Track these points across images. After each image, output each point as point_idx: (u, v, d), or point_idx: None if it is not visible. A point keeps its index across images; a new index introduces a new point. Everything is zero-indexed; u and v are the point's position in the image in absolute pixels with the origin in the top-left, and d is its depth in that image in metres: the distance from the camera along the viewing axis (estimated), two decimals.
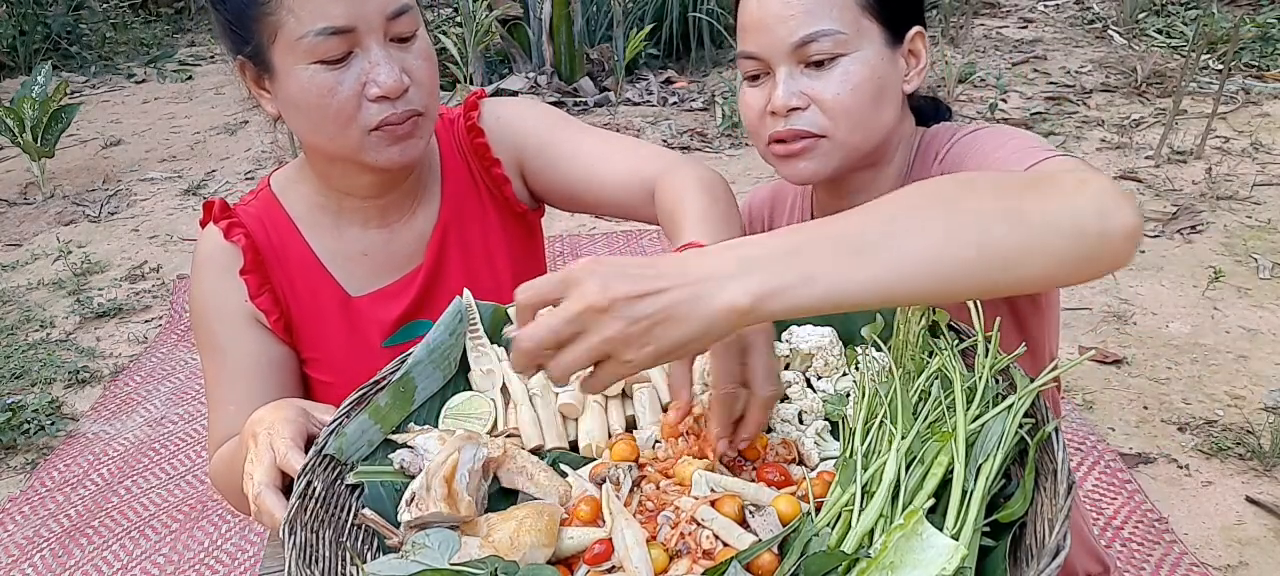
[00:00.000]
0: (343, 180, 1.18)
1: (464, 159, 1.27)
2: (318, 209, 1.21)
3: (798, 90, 1.05)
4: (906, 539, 0.68)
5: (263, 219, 1.20)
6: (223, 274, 1.17)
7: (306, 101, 1.05)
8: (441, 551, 0.78)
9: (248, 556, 2.39)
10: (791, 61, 1.05)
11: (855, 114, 1.05)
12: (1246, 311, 3.03)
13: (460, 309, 1.05)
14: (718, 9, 5.97)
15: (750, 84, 1.11)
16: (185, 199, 4.74)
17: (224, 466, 1.11)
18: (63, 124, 4.86)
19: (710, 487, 0.85)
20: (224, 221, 1.17)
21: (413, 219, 1.23)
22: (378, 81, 1.03)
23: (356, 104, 1.04)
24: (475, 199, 1.26)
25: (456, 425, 0.98)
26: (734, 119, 4.97)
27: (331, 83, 1.03)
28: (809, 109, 1.06)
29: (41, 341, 3.47)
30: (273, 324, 1.18)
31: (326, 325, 1.21)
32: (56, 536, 2.51)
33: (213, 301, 1.18)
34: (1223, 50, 5.04)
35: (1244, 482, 2.33)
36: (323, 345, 1.21)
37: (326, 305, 1.21)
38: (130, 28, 8.03)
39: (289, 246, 1.20)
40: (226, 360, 1.17)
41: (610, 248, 3.81)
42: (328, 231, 1.21)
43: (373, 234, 1.22)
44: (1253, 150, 4.24)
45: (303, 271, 1.20)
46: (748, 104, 1.11)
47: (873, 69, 1.05)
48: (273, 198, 1.22)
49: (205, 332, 1.19)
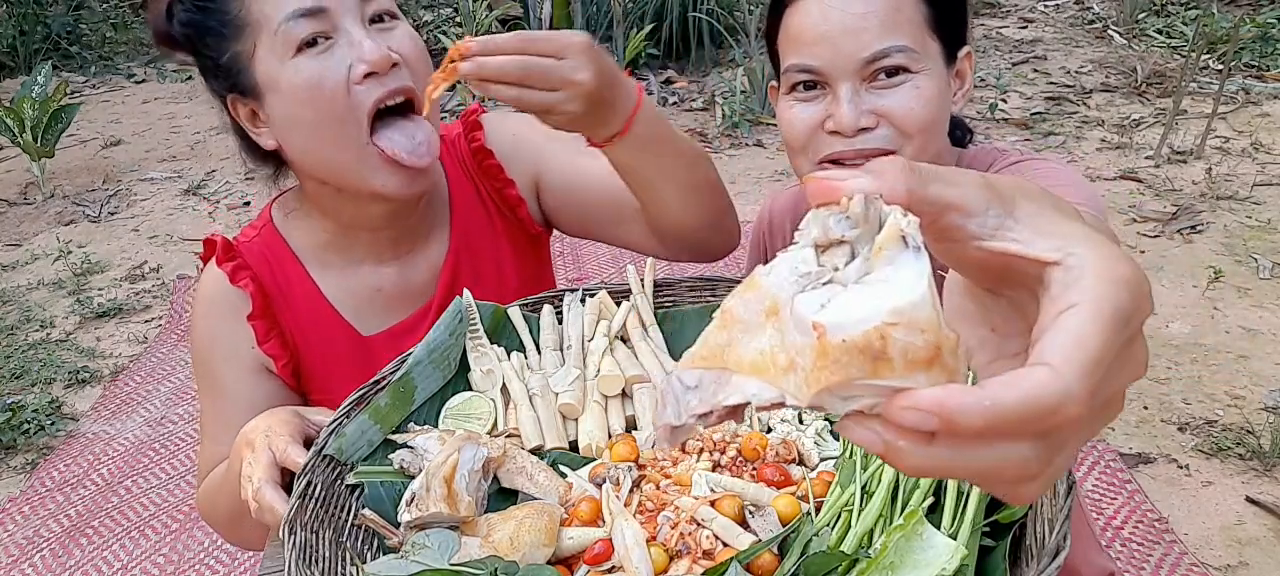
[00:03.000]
0: (353, 210, 1.13)
1: (471, 181, 1.24)
2: (324, 247, 1.18)
3: (866, 109, 0.99)
4: (906, 539, 0.68)
5: (268, 258, 1.16)
6: (228, 318, 1.14)
7: (298, 102, 1.02)
8: (441, 551, 0.78)
9: (248, 556, 2.39)
10: (856, 78, 0.99)
11: (928, 131, 1.00)
12: (1246, 311, 3.03)
13: (460, 309, 1.05)
14: (718, 9, 5.97)
15: (799, 100, 1.03)
16: (185, 199, 4.74)
17: (212, 490, 1.10)
18: (63, 124, 4.86)
19: (710, 487, 0.85)
20: (229, 264, 1.14)
21: (426, 248, 1.20)
22: (363, 56, 1.00)
23: (346, 90, 1.01)
24: (485, 222, 1.24)
25: (456, 425, 0.98)
26: (734, 119, 4.97)
27: (317, 72, 1.01)
28: (878, 127, 0.99)
29: (41, 341, 3.47)
30: (280, 369, 1.15)
31: (338, 366, 1.18)
32: (56, 536, 2.50)
33: (218, 346, 1.15)
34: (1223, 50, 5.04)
35: (1244, 482, 2.33)
36: (333, 387, 1.17)
37: (338, 347, 1.18)
38: (130, 28, 8.02)
39: (296, 288, 1.17)
40: (226, 402, 1.15)
41: (610, 247, 3.81)
42: (337, 270, 1.18)
43: (387, 269, 1.19)
44: (1253, 150, 4.24)
45: (312, 315, 1.17)
46: (798, 119, 1.03)
47: (938, 87, 1.01)
48: (276, 233, 1.18)
49: (206, 371, 1.16)
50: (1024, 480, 0.36)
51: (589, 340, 1.07)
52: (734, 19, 5.97)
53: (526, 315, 1.11)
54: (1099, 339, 0.35)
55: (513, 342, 1.09)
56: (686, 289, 1.13)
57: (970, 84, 1.08)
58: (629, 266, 1.15)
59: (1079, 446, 0.37)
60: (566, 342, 1.07)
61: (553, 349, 1.07)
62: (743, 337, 0.38)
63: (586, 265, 3.62)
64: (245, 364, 1.14)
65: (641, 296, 1.11)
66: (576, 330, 1.07)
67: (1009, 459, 0.35)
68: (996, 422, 0.34)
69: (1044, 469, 0.36)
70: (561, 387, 1.00)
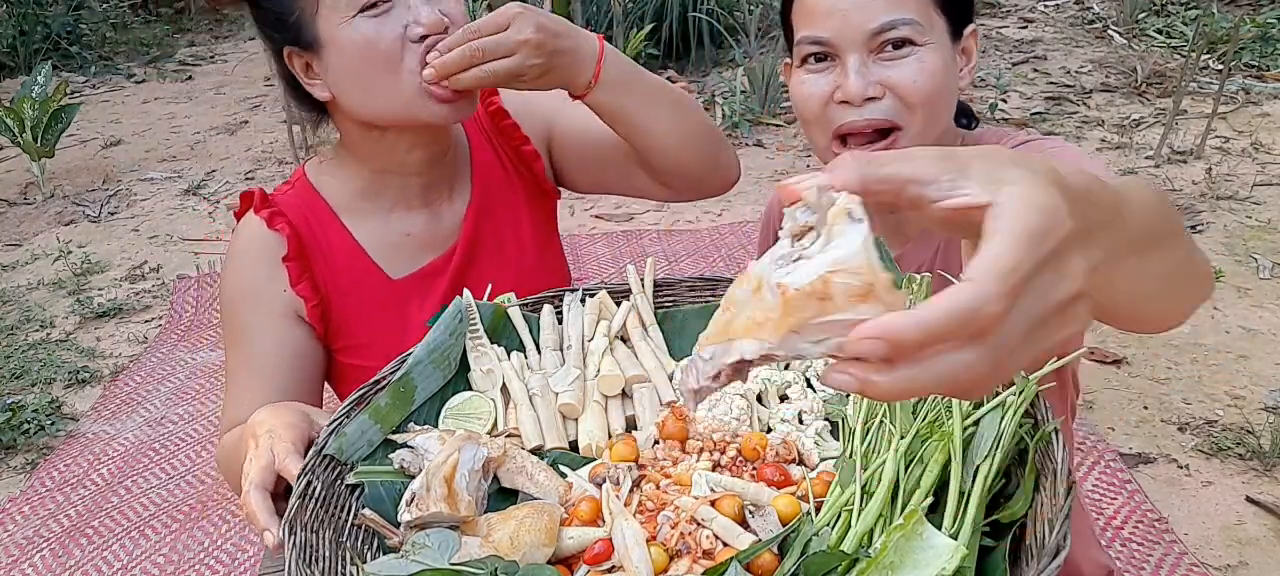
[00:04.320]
0: (391, 156, 1.22)
1: (489, 142, 1.34)
2: (358, 195, 1.26)
3: (873, 79, 1.02)
4: (906, 539, 0.68)
5: (303, 209, 1.24)
6: (263, 263, 1.21)
7: (354, 57, 1.11)
8: (441, 551, 0.79)
9: (248, 556, 2.39)
10: (864, 50, 1.02)
11: (932, 104, 1.03)
12: (1246, 311, 3.03)
13: (460, 309, 1.05)
14: (718, 9, 5.97)
15: (810, 72, 1.07)
16: (185, 199, 4.74)
17: (227, 453, 1.13)
18: (63, 124, 4.86)
19: (710, 487, 0.85)
20: (266, 211, 1.21)
21: (450, 200, 1.30)
22: (419, 19, 1.09)
23: (400, 48, 1.09)
24: (503, 179, 1.33)
25: (456, 425, 0.98)
26: (734, 119, 4.97)
27: (374, 31, 1.09)
28: (884, 98, 1.03)
29: (41, 341, 3.47)
30: (309, 312, 1.21)
31: (367, 310, 1.25)
32: (56, 536, 2.50)
33: (249, 287, 1.21)
34: (1223, 50, 5.04)
35: (1244, 482, 2.33)
36: (362, 331, 1.25)
37: (368, 291, 1.25)
38: (130, 28, 8.02)
39: (330, 235, 1.24)
40: (253, 348, 1.20)
41: (610, 247, 3.81)
42: (369, 216, 1.26)
43: (415, 215, 1.27)
44: (1253, 150, 4.24)
45: (345, 260, 1.24)
46: (809, 92, 1.07)
47: (944, 61, 1.04)
48: (310, 187, 1.26)
49: (235, 318, 1.22)
50: (976, 382, 0.44)
51: (589, 340, 1.07)
52: (734, 19, 5.97)
53: (526, 315, 1.11)
54: (1011, 252, 0.43)
55: (513, 342, 1.09)
56: (686, 289, 1.14)
57: (975, 61, 1.12)
58: (629, 266, 1.16)
59: (1026, 350, 0.45)
60: (566, 342, 1.07)
61: (553, 349, 1.07)
62: (739, 313, 0.49)
63: (586, 265, 3.62)
64: (275, 308, 1.20)
65: (641, 296, 1.11)
66: (576, 330, 1.07)
67: (957, 365, 0.43)
68: (930, 332, 0.42)
69: (992, 371, 0.44)
70: (561, 387, 1.00)
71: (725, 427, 0.94)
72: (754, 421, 0.96)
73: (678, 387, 0.99)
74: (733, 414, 0.95)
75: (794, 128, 5.03)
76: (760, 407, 0.98)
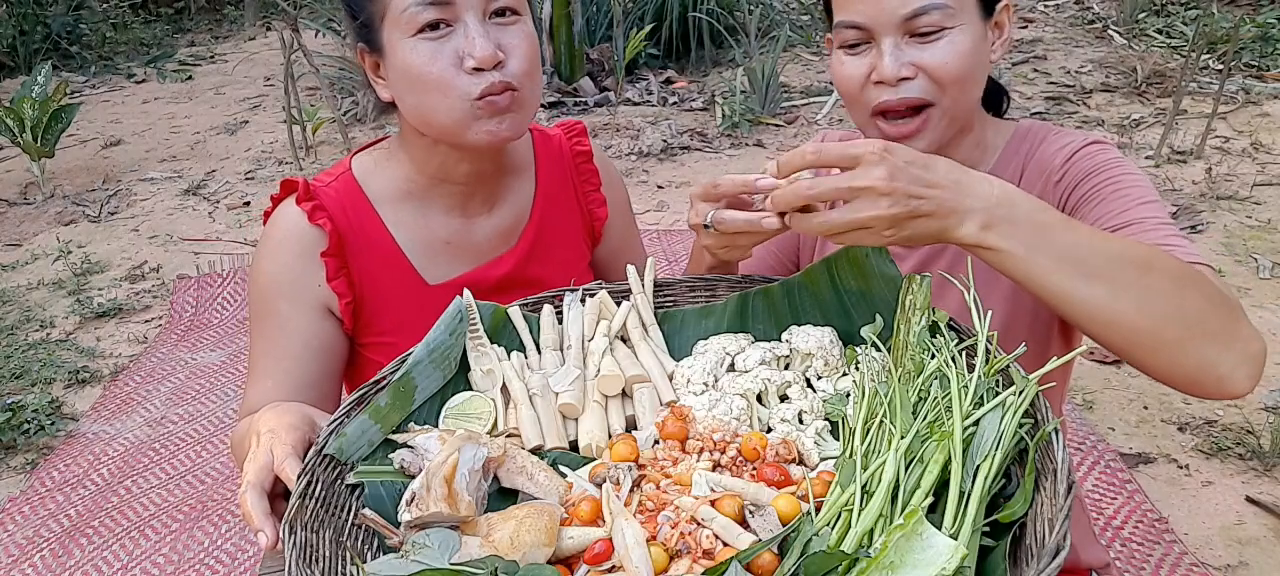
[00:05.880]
0: (442, 165, 1.23)
1: (568, 176, 1.38)
2: (403, 194, 1.26)
3: (906, 61, 1.08)
4: (906, 539, 0.68)
5: (344, 203, 1.25)
6: (300, 255, 1.21)
7: (410, 72, 1.12)
8: (441, 551, 0.78)
9: (248, 556, 2.39)
10: (898, 33, 1.08)
11: (962, 82, 1.09)
12: (1247, 311, 3.03)
13: (460, 309, 1.05)
14: (718, 9, 5.97)
15: (848, 53, 1.13)
16: (185, 199, 4.74)
17: (240, 438, 1.13)
18: (63, 124, 4.86)
19: (710, 487, 0.85)
20: (308, 204, 1.21)
21: (490, 215, 1.30)
22: (473, 53, 1.10)
23: (454, 74, 1.11)
24: (569, 209, 1.37)
25: (456, 425, 0.98)
26: (734, 119, 4.97)
27: (430, 52, 1.11)
28: (917, 78, 1.09)
29: (41, 341, 3.47)
30: (342, 308, 1.22)
31: (400, 311, 1.26)
32: (56, 536, 2.51)
33: (284, 278, 1.21)
34: (1223, 50, 5.04)
35: (1244, 482, 2.33)
36: (393, 331, 1.25)
37: (403, 292, 1.26)
38: (130, 28, 8.03)
39: (370, 233, 1.25)
40: (279, 336, 1.21)
41: None
42: (412, 216, 1.27)
43: (455, 222, 1.28)
44: (1253, 150, 4.24)
45: (382, 257, 1.25)
46: (848, 74, 1.13)
47: (973, 40, 1.09)
48: (354, 181, 1.27)
49: (264, 306, 1.22)
50: (883, 225, 0.84)
51: (589, 340, 1.07)
52: (734, 19, 5.96)
53: (526, 315, 1.11)
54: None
55: (513, 342, 1.09)
56: (686, 289, 1.14)
57: (1009, 35, 1.16)
58: (629, 266, 1.15)
59: (877, 214, 0.84)
60: (566, 342, 1.07)
61: (553, 349, 1.07)
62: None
63: None
64: (308, 301, 1.21)
65: (641, 296, 1.11)
66: (576, 330, 1.07)
67: (863, 212, 0.83)
68: (821, 158, 0.84)
69: (896, 222, 0.84)
70: (561, 387, 1.00)
71: (725, 427, 0.94)
72: (754, 421, 0.96)
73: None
74: (733, 414, 0.95)
75: (794, 128, 5.03)
76: (760, 407, 0.98)
